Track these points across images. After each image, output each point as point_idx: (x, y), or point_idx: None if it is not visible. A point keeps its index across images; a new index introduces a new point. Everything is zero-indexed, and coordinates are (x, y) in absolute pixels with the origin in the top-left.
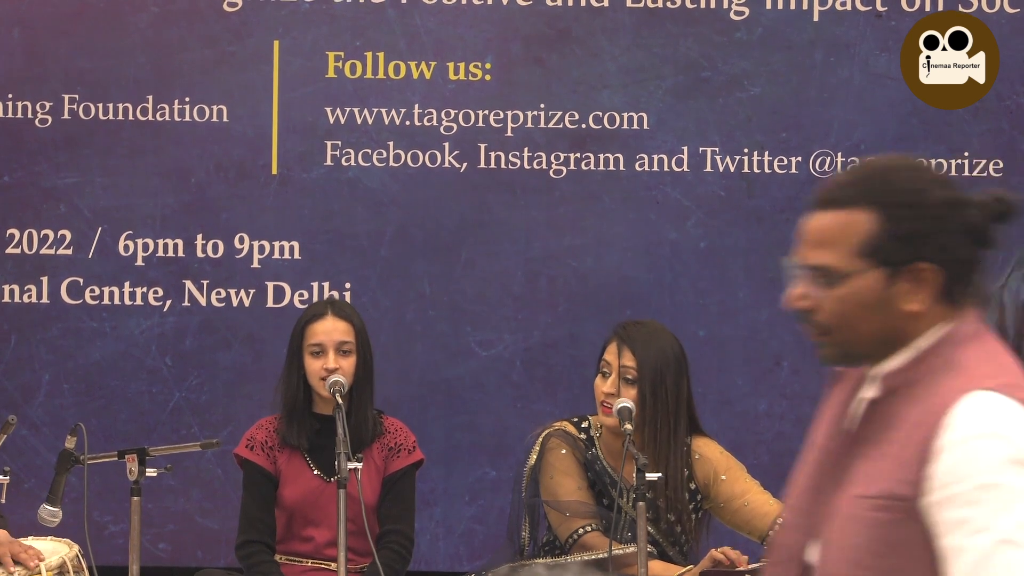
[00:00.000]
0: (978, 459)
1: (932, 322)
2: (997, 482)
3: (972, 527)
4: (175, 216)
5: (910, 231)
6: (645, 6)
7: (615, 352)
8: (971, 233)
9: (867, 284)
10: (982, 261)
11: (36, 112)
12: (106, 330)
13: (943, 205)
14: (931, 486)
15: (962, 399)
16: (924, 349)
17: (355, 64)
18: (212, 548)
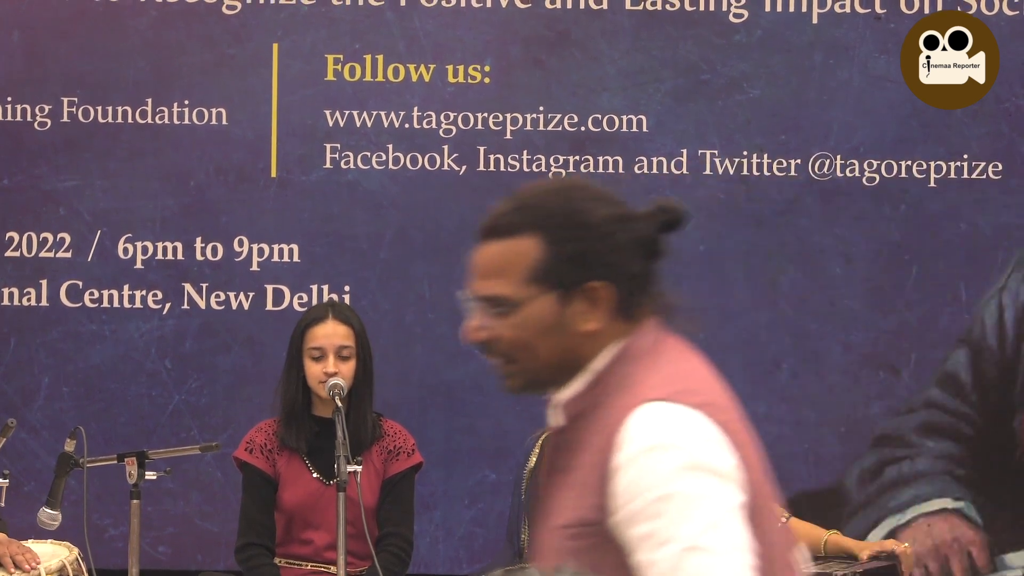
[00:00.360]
0: (652, 472)
1: (609, 339)
2: (673, 492)
3: (657, 540)
4: (174, 219)
5: (577, 252)
6: (644, 9)
7: None
8: (640, 246)
9: (541, 309)
10: (655, 273)
11: (35, 115)
12: (105, 333)
13: (607, 222)
14: (615, 506)
15: (631, 415)
16: (599, 371)
17: (354, 67)
18: (212, 551)
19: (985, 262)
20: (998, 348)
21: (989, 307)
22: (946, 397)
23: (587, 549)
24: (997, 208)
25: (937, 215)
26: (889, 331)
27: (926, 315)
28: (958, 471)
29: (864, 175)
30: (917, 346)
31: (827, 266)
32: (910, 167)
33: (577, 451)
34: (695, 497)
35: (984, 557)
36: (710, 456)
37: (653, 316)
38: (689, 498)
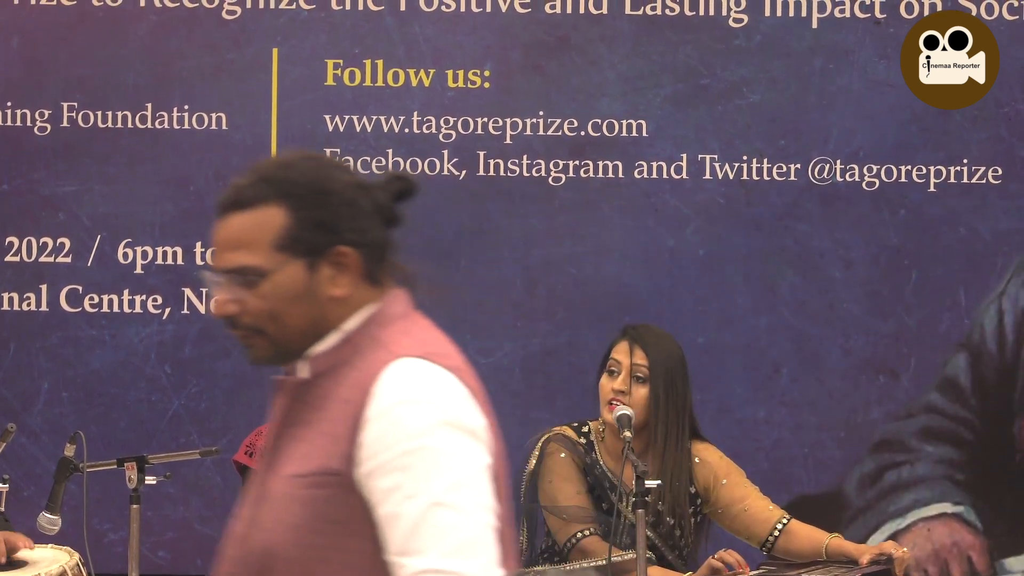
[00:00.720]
0: (404, 425)
1: (358, 305)
2: (424, 446)
3: (404, 493)
4: (174, 224)
5: (322, 218)
6: (644, 14)
7: (626, 351)
8: (380, 213)
9: (289, 277)
10: (393, 240)
11: (35, 120)
12: (105, 338)
13: (349, 189)
14: (362, 456)
15: (387, 368)
16: (350, 331)
17: (354, 72)
18: (212, 556)
19: (985, 267)
20: (998, 353)
21: (989, 312)
22: (946, 402)
23: (326, 499)
24: (997, 213)
25: (937, 220)
26: (889, 335)
27: (926, 320)
28: (958, 476)
29: (864, 180)
30: (917, 350)
31: (827, 270)
32: (910, 172)
33: (322, 405)
34: (444, 453)
35: (984, 562)
36: (462, 414)
37: (397, 285)
38: (438, 453)
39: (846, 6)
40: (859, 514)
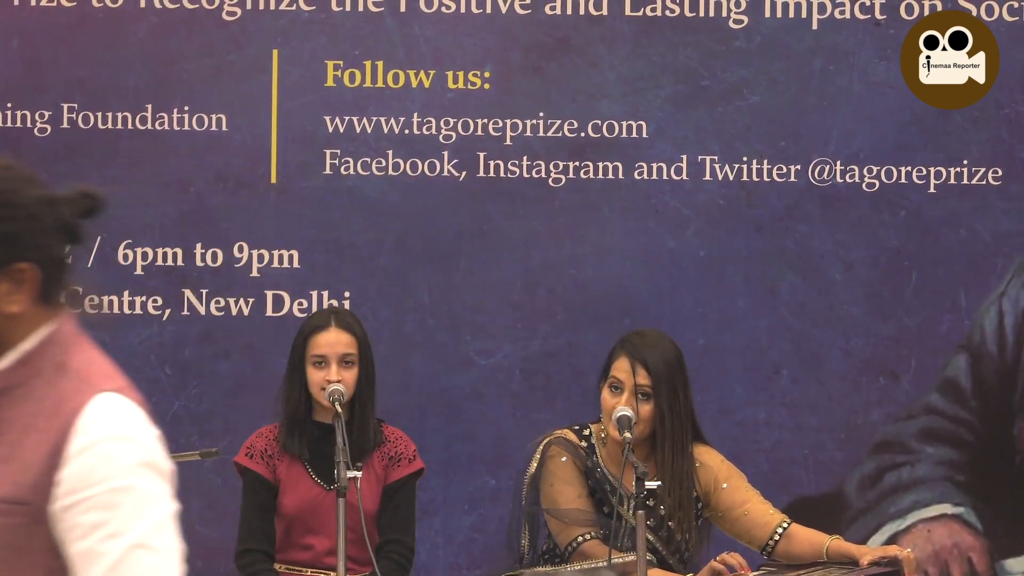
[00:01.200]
0: (110, 462)
1: (34, 324)
2: (130, 485)
3: (107, 531)
4: (174, 225)
5: (5, 232)
6: (644, 15)
7: (627, 370)
8: (63, 230)
9: None
10: (70, 261)
11: (35, 121)
12: (105, 340)
13: (36, 203)
14: (61, 491)
15: (89, 402)
16: (28, 351)
17: (354, 73)
18: (212, 557)
19: (985, 268)
20: (998, 354)
21: (989, 313)
22: (946, 403)
23: (11, 527)
24: (997, 214)
25: (937, 221)
26: (889, 337)
27: (926, 321)
28: (958, 477)
29: (864, 181)
30: (917, 352)
31: (827, 272)
32: (910, 173)
33: (5, 430)
34: (149, 494)
35: (984, 563)
36: (158, 456)
37: (66, 305)
38: (144, 494)
39: (846, 7)
40: (859, 515)
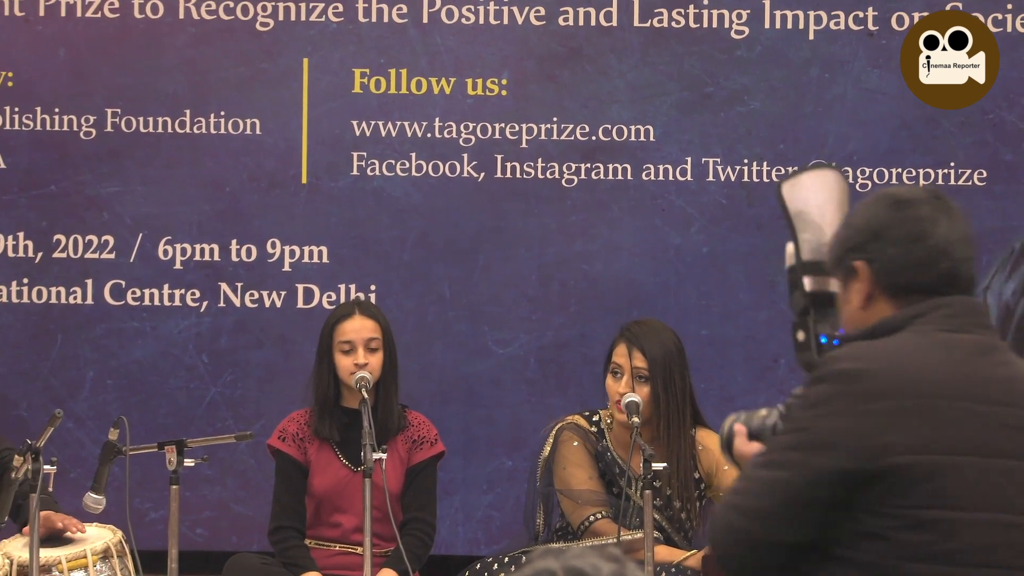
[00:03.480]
0: None
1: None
2: None
3: None
4: (211, 223)
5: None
6: (651, 26)
7: (625, 354)
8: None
9: None
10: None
11: (81, 126)
12: (146, 330)
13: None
14: None
15: None
16: None
17: (379, 80)
18: (246, 533)
19: None
20: None
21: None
22: None
23: None
24: (982, 213)
25: None
26: None
27: None
28: None
29: (858, 182)
30: None
31: None
32: (900, 174)
33: None
34: None
35: None
36: None
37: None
38: None
39: (841, 19)
40: None
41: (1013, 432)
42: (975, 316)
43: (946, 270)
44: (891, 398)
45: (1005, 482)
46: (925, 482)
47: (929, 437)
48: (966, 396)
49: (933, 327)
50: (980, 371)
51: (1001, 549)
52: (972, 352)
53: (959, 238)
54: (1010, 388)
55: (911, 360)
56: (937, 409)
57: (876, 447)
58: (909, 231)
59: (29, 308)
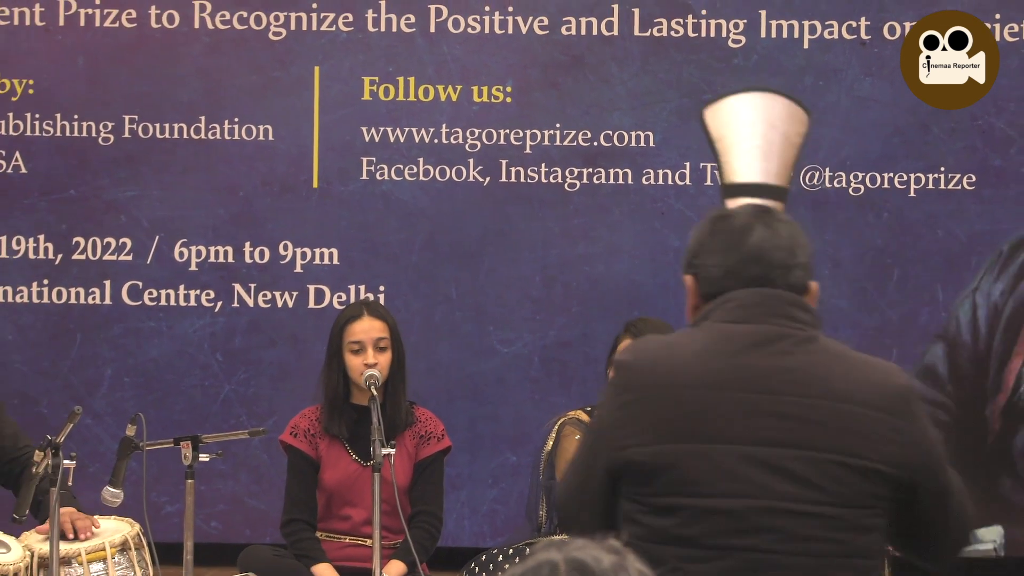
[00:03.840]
0: None
1: None
2: None
3: None
4: (225, 226)
5: None
6: (651, 36)
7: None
8: None
9: None
10: None
11: (99, 132)
12: (163, 329)
13: None
14: None
15: None
16: None
17: (388, 88)
18: (259, 526)
19: (960, 265)
20: (972, 343)
21: (964, 306)
22: (925, 387)
23: None
24: (971, 217)
25: (916, 223)
26: (873, 328)
27: (907, 313)
28: None
29: (850, 186)
30: (898, 342)
31: (816, 268)
32: (892, 179)
33: None
34: None
35: None
36: None
37: None
38: None
39: (834, 29)
40: None
41: (772, 419)
42: (768, 307)
43: (756, 276)
44: (636, 391)
45: (757, 468)
46: (666, 471)
47: (672, 429)
48: (727, 385)
49: (717, 320)
50: (752, 360)
51: (752, 533)
52: (749, 342)
53: (775, 246)
54: (781, 377)
55: (671, 352)
56: (684, 399)
57: (620, 438)
58: (723, 241)
59: (49, 308)
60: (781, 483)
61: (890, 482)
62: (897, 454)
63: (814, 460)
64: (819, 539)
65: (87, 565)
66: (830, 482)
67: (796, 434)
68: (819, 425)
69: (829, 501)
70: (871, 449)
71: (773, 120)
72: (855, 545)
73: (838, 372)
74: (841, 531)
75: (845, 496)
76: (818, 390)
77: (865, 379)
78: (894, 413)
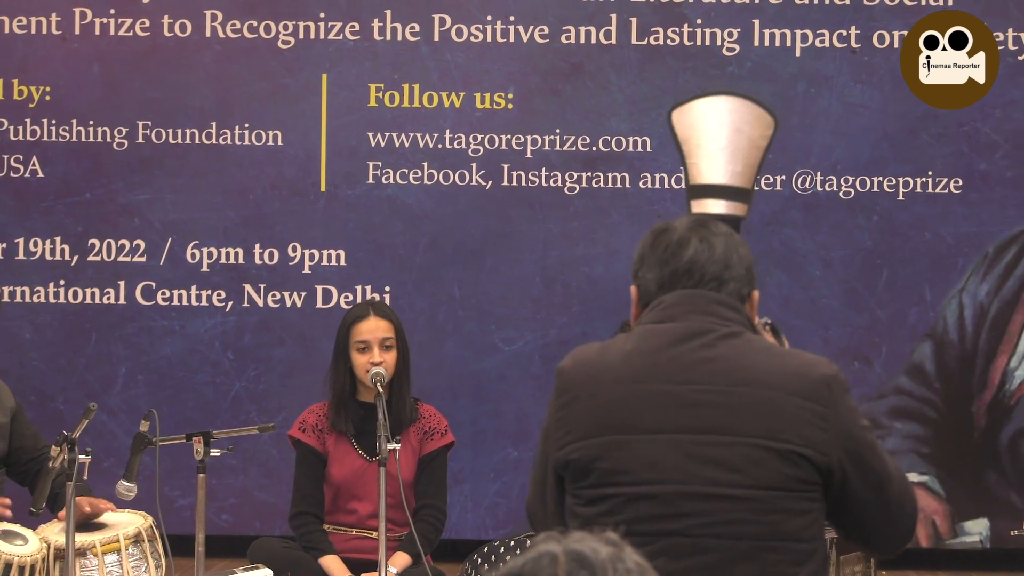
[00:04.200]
0: None
1: None
2: None
3: None
4: (235, 228)
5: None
6: (648, 44)
7: None
8: None
9: None
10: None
11: (113, 137)
12: (175, 328)
13: None
14: None
15: None
16: None
17: (394, 94)
18: (268, 519)
19: (947, 266)
20: (959, 342)
21: (951, 306)
22: (913, 385)
23: None
24: (957, 219)
25: (905, 225)
26: (863, 327)
27: (895, 313)
28: (923, 449)
29: (841, 190)
30: (887, 340)
31: (808, 269)
32: (881, 183)
33: None
34: None
35: (946, 525)
36: None
37: None
38: None
39: (826, 37)
40: None
41: (693, 408)
42: (692, 305)
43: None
44: (570, 392)
45: (680, 454)
46: (595, 464)
47: (598, 424)
48: (650, 378)
49: (646, 322)
50: (674, 354)
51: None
52: (674, 338)
53: (709, 259)
54: (702, 367)
55: (603, 355)
56: (610, 395)
57: (559, 438)
58: (660, 255)
59: (65, 308)
60: (704, 468)
61: (816, 467)
62: (820, 439)
63: (734, 444)
64: (745, 522)
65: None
66: (752, 465)
67: (717, 421)
68: (739, 411)
69: (752, 484)
70: (793, 433)
71: (739, 124)
72: (785, 528)
73: (760, 362)
74: (767, 513)
75: (767, 479)
76: (739, 378)
77: (787, 368)
78: (816, 400)
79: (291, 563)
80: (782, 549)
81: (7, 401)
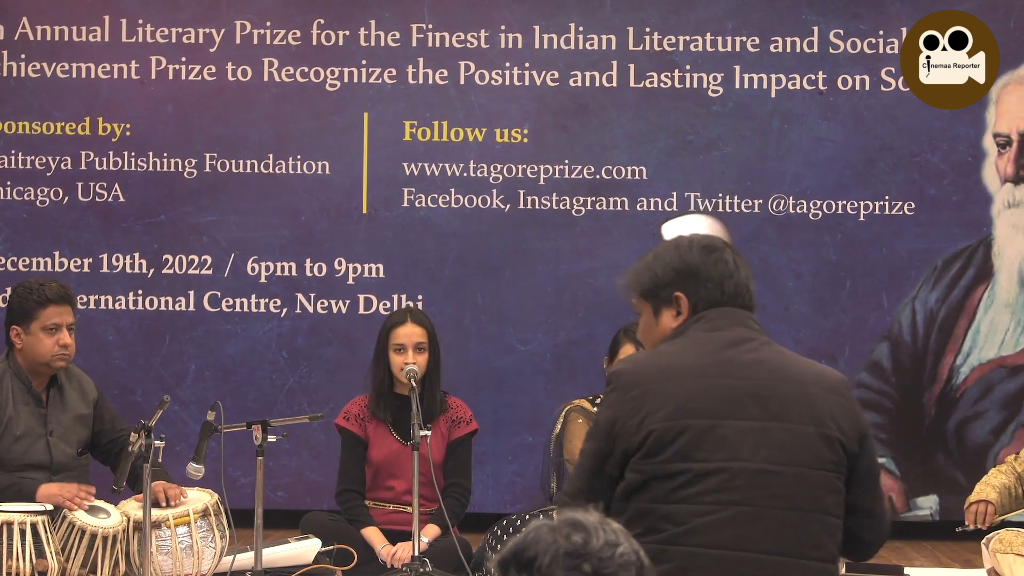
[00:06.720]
0: None
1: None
2: None
3: None
4: (289, 245)
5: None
6: (644, 86)
7: (632, 350)
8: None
9: None
10: None
11: (184, 167)
12: (238, 331)
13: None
14: None
15: None
16: None
17: (426, 130)
18: (317, 495)
19: (902, 278)
20: (912, 343)
21: (905, 312)
22: (872, 379)
23: None
24: (911, 237)
25: (865, 242)
26: (829, 330)
27: (857, 318)
28: (881, 436)
29: (810, 212)
30: (850, 341)
31: (782, 281)
32: (845, 206)
33: None
34: None
35: (902, 501)
36: None
37: None
38: None
39: (797, 81)
40: None
41: (752, 399)
42: (733, 319)
43: (742, 302)
44: (642, 385)
45: (744, 437)
46: (671, 442)
47: (677, 407)
48: (712, 374)
49: (695, 331)
50: (731, 355)
51: (734, 490)
52: (724, 344)
53: (747, 280)
54: (756, 367)
55: (661, 357)
56: (685, 385)
57: (636, 422)
58: (721, 271)
59: (143, 314)
60: (764, 450)
61: (846, 451)
62: (849, 427)
63: (790, 430)
64: (796, 496)
65: (174, 529)
66: (802, 448)
67: (773, 410)
68: (789, 402)
69: (802, 463)
70: (832, 421)
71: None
72: (824, 503)
73: (795, 363)
74: (812, 489)
75: (813, 460)
76: (784, 376)
77: (814, 368)
78: (841, 395)
79: (337, 533)
80: (821, 521)
81: (90, 392)
